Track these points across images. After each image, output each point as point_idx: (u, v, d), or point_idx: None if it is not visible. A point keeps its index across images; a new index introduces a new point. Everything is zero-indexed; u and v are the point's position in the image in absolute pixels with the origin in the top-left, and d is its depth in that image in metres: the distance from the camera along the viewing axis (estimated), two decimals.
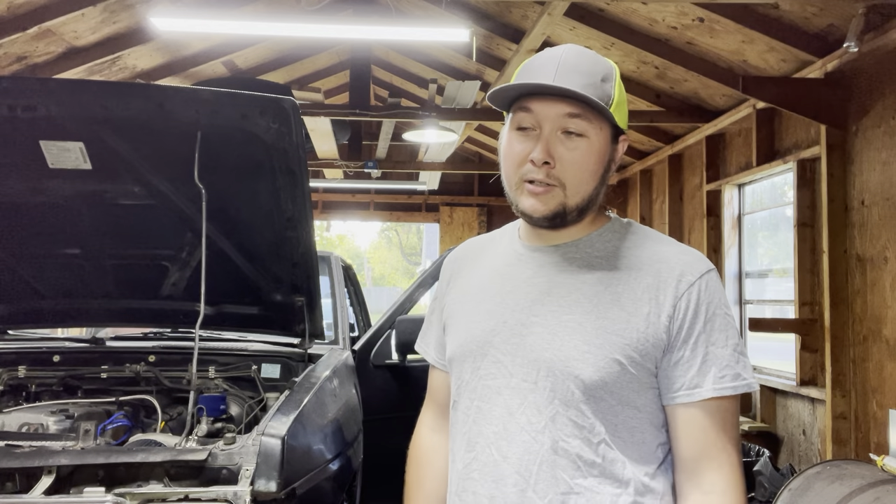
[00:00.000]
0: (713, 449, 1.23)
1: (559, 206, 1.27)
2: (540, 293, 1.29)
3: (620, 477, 1.23)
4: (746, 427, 5.82)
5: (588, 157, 1.26)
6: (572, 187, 1.26)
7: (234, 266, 2.79)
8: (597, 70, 1.26)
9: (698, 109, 6.64)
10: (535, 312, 1.28)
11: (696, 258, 1.29)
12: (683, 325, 1.23)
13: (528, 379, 1.26)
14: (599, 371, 1.22)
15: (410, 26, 5.31)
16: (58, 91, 2.32)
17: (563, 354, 1.24)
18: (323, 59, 9.14)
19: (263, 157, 2.44)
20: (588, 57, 1.28)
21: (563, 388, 1.23)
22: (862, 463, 3.88)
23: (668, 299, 1.23)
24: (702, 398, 1.22)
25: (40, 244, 2.79)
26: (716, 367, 1.22)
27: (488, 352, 1.31)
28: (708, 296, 1.24)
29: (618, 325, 1.23)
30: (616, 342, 1.22)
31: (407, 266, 33.24)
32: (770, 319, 6.02)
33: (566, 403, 1.23)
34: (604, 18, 5.65)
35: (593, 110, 1.24)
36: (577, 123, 1.24)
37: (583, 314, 1.25)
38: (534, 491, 1.23)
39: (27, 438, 2.38)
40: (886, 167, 4.50)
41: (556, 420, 1.23)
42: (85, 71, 6.53)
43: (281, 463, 2.01)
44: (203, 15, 4.92)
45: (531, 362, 1.26)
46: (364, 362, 3.50)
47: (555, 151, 1.25)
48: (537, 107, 1.26)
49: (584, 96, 1.22)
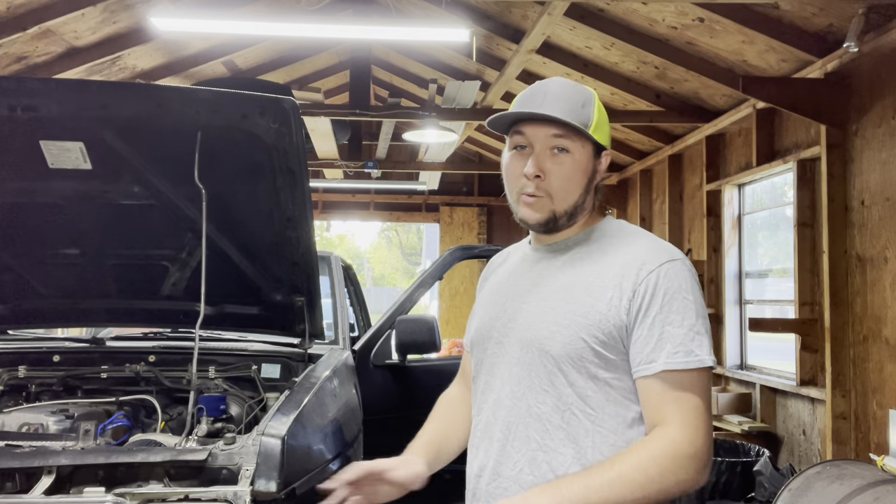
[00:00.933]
0: (672, 416, 1.38)
1: (550, 214, 1.51)
2: (531, 284, 1.56)
3: (582, 443, 1.43)
4: (746, 427, 5.82)
5: (572, 170, 1.50)
6: (559, 196, 1.50)
7: (234, 266, 2.79)
8: (578, 97, 1.51)
9: (698, 109, 6.64)
10: (525, 300, 1.54)
11: (661, 249, 1.48)
12: (642, 307, 1.41)
13: (514, 355, 1.51)
14: (566, 347, 1.44)
15: (410, 26, 5.31)
16: (58, 91, 2.32)
17: (539, 334, 1.48)
18: (323, 59, 9.14)
19: (263, 157, 2.44)
20: (570, 87, 1.53)
21: (538, 362, 1.47)
22: (862, 463, 3.88)
23: (629, 285, 1.43)
24: (656, 371, 1.39)
25: (40, 244, 2.78)
26: (670, 343, 1.39)
27: (492, 335, 1.57)
28: (667, 282, 1.42)
29: (584, 309, 1.44)
30: (581, 323, 1.44)
31: (407, 266, 33.23)
32: (770, 319, 6.02)
33: (539, 375, 1.47)
34: (604, 18, 5.65)
35: (575, 131, 1.48)
36: (561, 142, 1.49)
37: (557, 300, 1.49)
38: (511, 446, 1.48)
39: (27, 438, 2.37)
40: (886, 167, 4.50)
41: (532, 388, 1.47)
42: (85, 71, 6.53)
43: (281, 463, 2.01)
44: (203, 15, 4.92)
45: (518, 341, 1.51)
46: (364, 362, 3.50)
47: (544, 166, 1.49)
48: (529, 130, 1.51)
49: (565, 120, 1.46)
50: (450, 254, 4.02)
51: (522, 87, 8.14)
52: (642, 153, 8.53)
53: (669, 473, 1.35)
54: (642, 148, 8.41)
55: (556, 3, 4.63)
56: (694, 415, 1.38)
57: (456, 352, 8.35)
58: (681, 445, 1.36)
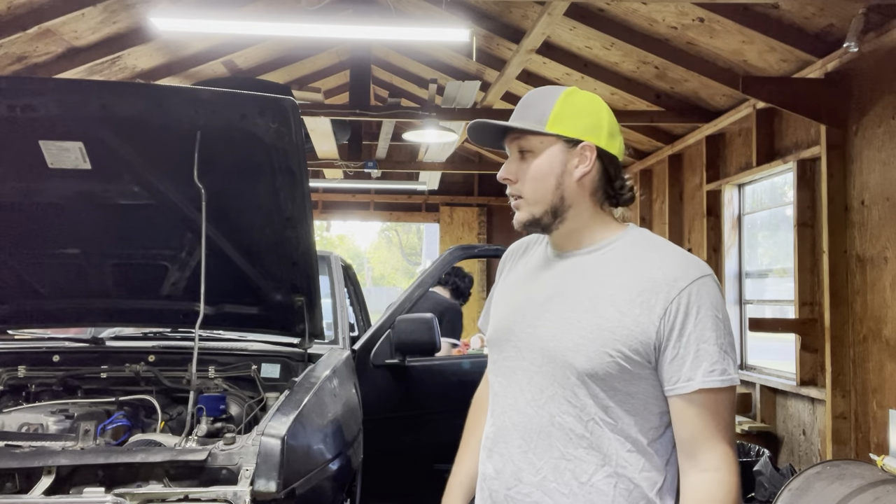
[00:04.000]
0: (706, 432, 1.41)
1: (529, 215, 1.54)
2: (553, 292, 1.53)
3: (606, 451, 1.45)
4: (746, 427, 5.81)
5: (535, 169, 1.51)
6: (530, 197, 1.52)
7: (234, 266, 2.79)
8: (541, 100, 1.54)
9: (698, 109, 6.64)
10: (547, 309, 1.52)
11: (691, 264, 1.47)
12: (675, 325, 1.41)
13: (534, 363, 1.51)
14: (590, 361, 1.44)
15: (410, 26, 5.30)
16: (58, 91, 2.32)
17: (562, 346, 1.47)
18: (323, 59, 9.13)
19: (263, 156, 2.44)
20: (542, 92, 1.56)
21: (561, 373, 1.47)
22: (862, 463, 3.88)
23: (659, 302, 1.42)
24: (693, 389, 1.40)
25: (40, 244, 2.78)
26: (707, 362, 1.40)
27: (510, 338, 1.57)
28: (699, 299, 1.42)
29: (610, 323, 1.43)
30: (607, 338, 1.43)
31: (407, 266, 33.22)
32: (770, 319, 6.01)
33: (563, 386, 1.47)
34: (604, 18, 5.64)
35: (528, 131, 1.51)
36: (521, 144, 1.53)
37: (582, 312, 1.47)
38: (534, 454, 1.49)
39: (27, 438, 2.38)
40: (886, 167, 4.50)
41: (555, 399, 1.48)
42: (85, 71, 6.53)
43: (281, 463, 2.01)
44: (203, 15, 4.91)
45: (539, 350, 1.51)
46: (364, 362, 3.50)
47: (510, 169, 1.54)
48: (506, 142, 1.57)
49: (505, 124, 1.52)
50: (450, 254, 4.02)
51: (522, 87, 8.13)
52: (642, 153, 8.53)
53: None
54: (642, 148, 8.41)
55: (556, 3, 4.63)
56: (728, 432, 1.42)
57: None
58: (731, 486, 1.40)
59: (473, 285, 5.55)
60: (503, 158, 1.60)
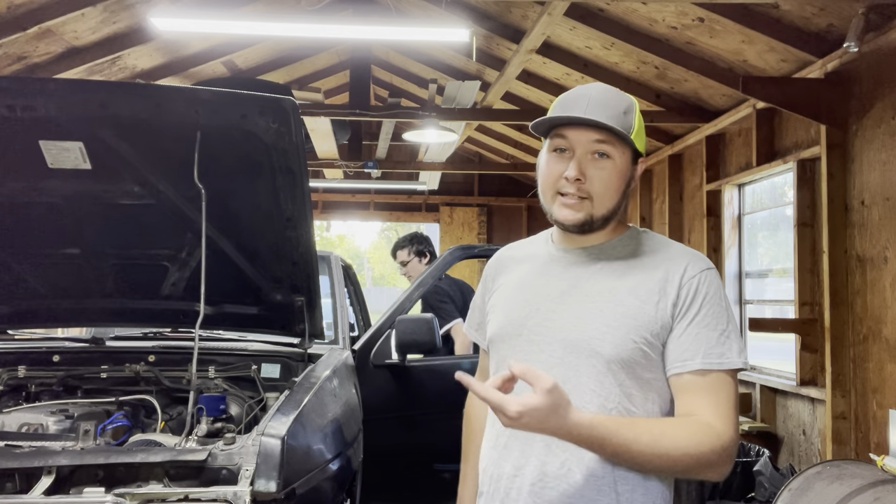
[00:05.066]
0: (705, 403, 1.44)
1: (587, 216, 1.53)
2: (568, 286, 1.56)
3: None
4: (746, 427, 5.81)
5: (613, 175, 1.53)
6: (599, 200, 1.53)
7: (234, 266, 2.79)
8: (620, 104, 1.53)
9: (698, 109, 6.64)
10: (563, 301, 1.55)
11: (699, 258, 1.56)
12: (683, 308, 1.48)
13: (554, 355, 1.52)
14: (617, 348, 1.47)
15: (410, 26, 5.30)
16: (57, 91, 2.32)
17: (587, 335, 1.49)
18: (323, 59, 9.13)
19: (263, 156, 2.44)
20: (613, 93, 1.56)
21: (586, 363, 1.48)
22: (862, 463, 3.88)
23: (673, 289, 1.49)
24: (692, 369, 1.45)
25: (40, 244, 2.78)
26: (706, 344, 1.46)
27: (522, 332, 1.57)
28: (706, 288, 1.50)
29: (633, 311, 1.48)
30: (631, 325, 1.47)
31: None
32: (770, 319, 6.01)
33: (588, 375, 1.48)
34: (604, 18, 5.64)
35: (617, 137, 1.51)
36: (603, 147, 1.51)
37: (603, 302, 1.51)
38: (557, 446, 1.48)
39: (27, 438, 2.38)
40: (886, 167, 4.49)
41: (578, 389, 1.47)
42: (85, 71, 6.53)
43: (281, 463, 2.01)
44: (203, 15, 4.91)
45: (559, 342, 1.52)
46: (364, 362, 3.50)
47: (585, 170, 1.51)
48: (571, 134, 1.52)
49: (610, 126, 1.49)
50: (450, 254, 4.02)
51: (522, 87, 8.10)
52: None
53: (705, 450, 1.39)
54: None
55: (556, 3, 4.63)
56: (727, 409, 1.44)
57: None
58: (719, 432, 1.41)
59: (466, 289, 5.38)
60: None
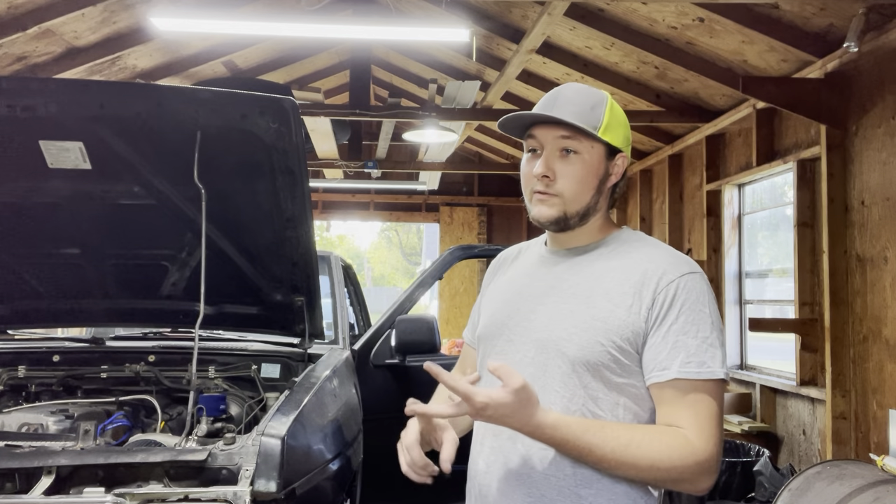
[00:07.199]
0: (685, 415, 1.40)
1: (560, 213, 1.54)
2: (548, 287, 1.57)
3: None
4: (746, 427, 5.81)
5: (581, 171, 1.53)
6: (569, 196, 1.53)
7: (234, 266, 2.79)
8: (588, 100, 1.54)
9: (698, 109, 6.64)
10: (541, 302, 1.55)
11: (681, 261, 1.51)
12: (659, 315, 1.44)
13: (527, 354, 1.53)
14: (583, 350, 1.46)
15: (410, 26, 5.30)
16: (57, 91, 2.32)
17: (555, 336, 1.50)
18: (323, 59, 9.13)
19: (263, 156, 2.44)
20: (582, 90, 1.57)
21: (553, 363, 1.49)
22: (862, 463, 3.88)
23: (648, 293, 1.46)
24: (669, 378, 1.41)
25: (40, 244, 2.78)
26: (684, 353, 1.41)
27: (503, 332, 1.59)
28: (685, 293, 1.45)
29: (603, 314, 1.47)
30: (600, 328, 1.46)
31: (407, 266, 33.22)
32: (770, 319, 6.01)
33: (554, 376, 1.48)
34: (604, 18, 5.65)
35: (584, 132, 1.51)
36: (569, 143, 1.52)
37: (576, 304, 1.51)
38: (522, 444, 1.48)
39: (27, 438, 2.38)
40: (886, 167, 4.50)
41: (545, 389, 1.48)
42: (85, 71, 6.53)
43: (281, 463, 2.01)
44: (203, 15, 4.91)
45: (532, 341, 1.53)
46: (364, 362, 3.50)
47: (553, 166, 1.53)
48: (539, 133, 1.55)
49: (570, 122, 1.49)
50: (450, 253, 4.02)
51: (522, 87, 8.11)
52: (642, 153, 8.53)
53: (677, 464, 1.37)
54: (642, 148, 8.41)
55: (556, 3, 4.63)
56: (707, 422, 1.40)
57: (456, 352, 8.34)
58: (695, 447, 1.37)
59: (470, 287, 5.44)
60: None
